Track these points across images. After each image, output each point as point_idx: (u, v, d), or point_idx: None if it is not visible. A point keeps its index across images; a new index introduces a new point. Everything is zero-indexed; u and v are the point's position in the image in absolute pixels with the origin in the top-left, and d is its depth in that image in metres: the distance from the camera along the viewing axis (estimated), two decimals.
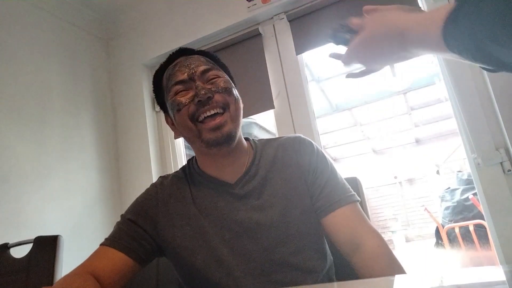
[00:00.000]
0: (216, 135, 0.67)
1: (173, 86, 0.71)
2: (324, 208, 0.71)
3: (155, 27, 2.04)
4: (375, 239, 0.68)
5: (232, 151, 0.72)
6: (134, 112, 2.01)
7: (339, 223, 0.70)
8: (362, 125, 7.23)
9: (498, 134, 1.30)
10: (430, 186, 7.71)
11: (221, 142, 0.68)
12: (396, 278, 0.54)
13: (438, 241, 3.91)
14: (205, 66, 0.72)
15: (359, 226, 0.69)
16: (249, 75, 1.75)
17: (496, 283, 0.43)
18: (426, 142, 8.35)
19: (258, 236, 0.68)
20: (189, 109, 0.68)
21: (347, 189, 0.73)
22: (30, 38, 1.70)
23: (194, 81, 0.70)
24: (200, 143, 0.70)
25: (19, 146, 1.52)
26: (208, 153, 0.72)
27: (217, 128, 0.67)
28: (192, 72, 0.70)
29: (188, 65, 0.72)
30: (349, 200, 0.71)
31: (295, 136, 0.79)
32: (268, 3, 1.72)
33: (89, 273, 0.65)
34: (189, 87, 0.70)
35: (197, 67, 0.71)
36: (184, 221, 0.72)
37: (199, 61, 0.73)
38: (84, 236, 1.66)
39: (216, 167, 0.74)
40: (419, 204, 7.87)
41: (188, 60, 0.73)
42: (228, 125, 0.69)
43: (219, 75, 0.73)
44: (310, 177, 0.73)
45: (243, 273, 0.67)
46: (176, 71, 0.72)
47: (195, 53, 0.77)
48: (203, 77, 0.71)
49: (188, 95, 0.69)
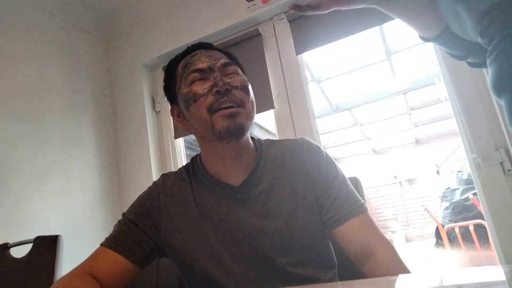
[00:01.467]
0: (229, 123, 0.64)
1: (190, 74, 0.69)
2: (335, 219, 0.69)
3: (155, 27, 2.04)
4: (386, 249, 0.67)
5: (239, 149, 0.70)
6: (134, 112, 2.01)
7: (350, 234, 0.68)
8: (362, 125, 7.23)
9: (498, 134, 1.30)
10: (430, 186, 7.71)
11: (232, 132, 0.65)
12: (396, 278, 0.54)
13: (438, 241, 3.91)
14: (226, 60, 0.71)
15: (370, 236, 0.68)
16: (249, 75, 1.74)
17: (496, 283, 0.43)
18: (426, 142, 8.35)
19: (260, 245, 0.67)
20: (207, 99, 0.66)
21: (357, 198, 0.71)
22: (30, 38, 1.70)
23: (214, 71, 0.68)
24: (211, 136, 0.66)
25: (19, 146, 1.52)
26: (215, 149, 0.70)
27: (231, 115, 0.65)
28: (213, 63, 0.69)
29: (209, 56, 0.70)
30: (361, 211, 0.69)
31: (302, 141, 0.76)
32: (268, 3, 1.72)
33: (88, 273, 0.65)
34: (207, 77, 0.68)
35: (218, 59, 0.70)
36: (185, 224, 0.70)
37: (220, 55, 0.72)
38: (84, 236, 1.66)
39: (221, 166, 0.71)
40: (419, 204, 7.87)
41: (209, 52, 0.72)
42: (243, 117, 0.66)
43: (238, 72, 0.72)
44: (320, 187, 0.71)
45: (244, 279, 0.66)
46: (196, 60, 0.70)
47: (215, 48, 0.76)
48: (223, 70, 0.69)
49: (206, 85, 0.67)
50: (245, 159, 0.72)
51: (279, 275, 0.66)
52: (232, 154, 0.70)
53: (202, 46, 0.75)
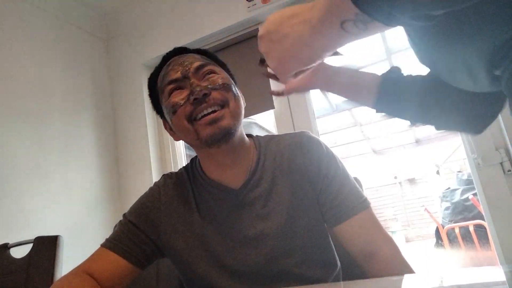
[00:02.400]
0: (214, 130, 0.62)
1: (166, 86, 0.67)
2: (337, 216, 0.67)
3: (155, 27, 2.04)
4: (389, 247, 0.66)
5: (234, 151, 0.68)
6: (134, 112, 2.01)
7: (353, 232, 0.67)
8: (362, 125, 7.23)
9: (498, 134, 1.30)
10: (430, 186, 7.70)
11: (219, 138, 0.63)
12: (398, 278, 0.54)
13: (438, 241, 3.91)
14: (200, 62, 0.68)
15: (373, 233, 0.67)
16: (249, 75, 1.75)
17: (496, 283, 0.43)
18: (426, 142, 8.35)
19: (262, 246, 0.66)
20: (185, 109, 0.64)
21: (360, 194, 0.69)
22: (30, 38, 1.70)
23: (189, 78, 0.66)
24: (200, 144, 0.65)
25: (19, 146, 1.52)
26: (210, 155, 0.69)
27: (213, 121, 0.62)
28: (186, 69, 0.66)
29: (181, 63, 0.68)
30: (364, 207, 0.67)
31: (302, 136, 0.74)
32: (268, 3, 1.72)
33: (87, 274, 0.65)
34: (184, 86, 0.66)
35: (191, 63, 0.67)
36: (186, 227, 0.70)
37: (193, 58, 0.69)
38: (84, 236, 1.66)
39: (219, 170, 0.70)
40: (419, 204, 7.86)
41: (182, 58, 0.69)
42: (226, 119, 0.64)
43: (215, 71, 0.69)
44: (320, 184, 0.69)
45: (246, 280, 0.66)
46: (170, 70, 0.68)
47: (190, 51, 0.73)
48: (198, 74, 0.67)
49: (183, 95, 0.65)
50: (243, 159, 0.70)
51: (283, 276, 0.66)
52: (227, 157, 0.68)
53: (177, 52, 0.73)
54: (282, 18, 0.45)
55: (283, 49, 0.45)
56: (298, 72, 0.49)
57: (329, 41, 0.40)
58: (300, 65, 0.46)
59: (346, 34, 0.37)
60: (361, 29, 0.36)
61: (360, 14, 0.34)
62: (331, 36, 0.39)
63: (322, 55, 0.43)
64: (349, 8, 0.34)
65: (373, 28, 0.35)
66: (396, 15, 0.32)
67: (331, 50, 0.42)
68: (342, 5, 0.34)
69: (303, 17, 0.41)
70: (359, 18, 0.34)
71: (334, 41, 0.40)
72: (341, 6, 0.35)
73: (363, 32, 0.36)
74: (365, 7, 0.33)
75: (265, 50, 0.49)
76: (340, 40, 0.39)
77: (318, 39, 0.41)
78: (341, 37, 0.39)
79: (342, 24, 0.36)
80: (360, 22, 0.35)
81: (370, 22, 0.34)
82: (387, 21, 0.33)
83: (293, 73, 0.49)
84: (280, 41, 0.45)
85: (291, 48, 0.44)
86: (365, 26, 0.35)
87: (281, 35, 0.44)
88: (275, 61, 0.48)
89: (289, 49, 0.44)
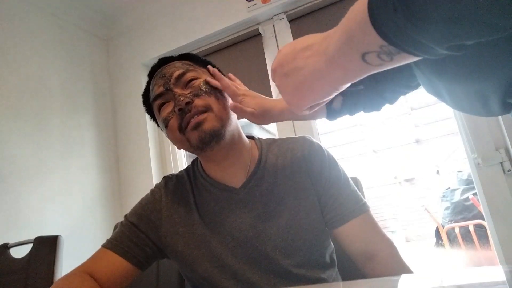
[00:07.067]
0: (199, 134, 0.64)
1: (154, 102, 0.70)
2: (337, 219, 0.68)
3: (155, 27, 2.04)
4: (388, 249, 0.67)
5: (229, 150, 0.69)
6: (134, 112, 2.01)
7: (353, 234, 0.68)
8: (362, 125, 7.23)
9: (498, 134, 1.30)
10: (430, 186, 7.70)
11: (206, 141, 0.64)
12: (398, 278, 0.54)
13: (438, 241, 3.91)
14: (180, 71, 0.69)
15: (372, 236, 0.68)
16: (249, 75, 1.75)
17: (496, 283, 0.43)
18: (426, 142, 8.35)
19: (262, 247, 0.66)
20: (174, 121, 0.66)
21: (359, 197, 0.71)
22: (30, 38, 1.70)
23: (172, 90, 0.67)
24: (194, 150, 0.68)
25: (19, 146, 1.52)
26: (208, 157, 0.70)
27: (197, 126, 0.64)
28: (166, 81, 0.68)
29: (163, 75, 0.69)
30: (363, 210, 0.69)
31: (304, 140, 0.75)
32: (268, 3, 1.72)
33: (88, 274, 0.65)
34: (169, 98, 0.68)
35: (171, 74, 0.68)
36: (187, 228, 0.70)
37: (174, 67, 0.70)
38: (84, 236, 1.66)
39: (219, 169, 0.72)
40: (419, 204, 7.86)
41: (164, 70, 0.70)
42: (210, 122, 0.65)
43: (196, 76, 0.70)
44: (322, 187, 0.70)
45: (248, 281, 0.66)
46: (154, 85, 0.70)
47: (173, 59, 0.74)
48: (180, 83, 0.68)
49: (170, 108, 0.67)
50: (242, 159, 0.72)
51: (283, 277, 0.66)
52: (224, 157, 0.70)
53: (161, 64, 0.73)
54: (294, 50, 0.43)
55: (297, 83, 0.43)
56: (314, 105, 0.47)
57: (347, 74, 0.38)
58: (315, 98, 0.44)
59: (368, 66, 0.34)
60: (385, 61, 0.33)
61: (385, 46, 0.30)
62: (349, 69, 0.36)
63: (339, 88, 0.41)
64: (373, 40, 0.30)
65: (399, 59, 0.32)
66: (429, 45, 0.29)
67: (349, 82, 0.40)
68: (363, 37, 0.31)
69: (317, 48, 0.39)
70: (384, 50, 0.31)
71: (352, 74, 0.37)
72: (363, 37, 0.31)
73: (387, 64, 0.33)
74: (393, 38, 0.29)
75: (278, 83, 0.47)
76: (360, 73, 0.37)
77: (335, 72, 0.38)
78: (361, 70, 0.36)
79: (364, 57, 0.33)
80: (385, 54, 0.32)
81: (397, 54, 0.31)
82: (418, 52, 0.30)
83: (308, 107, 0.47)
84: (293, 74, 0.43)
85: (305, 82, 0.42)
86: (390, 57, 0.32)
87: (294, 68, 0.43)
88: (289, 95, 0.46)
89: (303, 82, 0.42)
